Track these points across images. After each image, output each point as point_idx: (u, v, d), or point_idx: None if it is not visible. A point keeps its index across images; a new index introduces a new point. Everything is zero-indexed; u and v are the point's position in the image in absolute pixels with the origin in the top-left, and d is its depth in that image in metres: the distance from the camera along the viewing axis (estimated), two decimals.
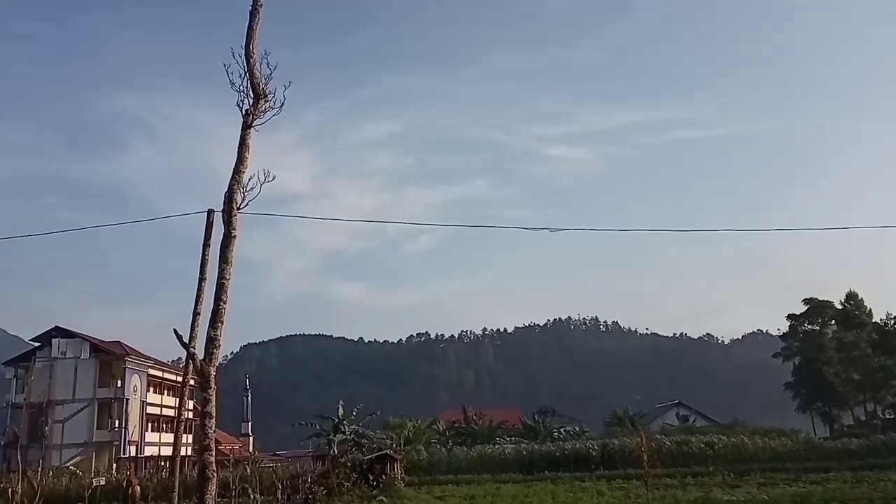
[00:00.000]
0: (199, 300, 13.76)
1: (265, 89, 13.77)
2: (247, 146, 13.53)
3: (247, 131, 13.58)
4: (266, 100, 13.81)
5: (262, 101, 13.78)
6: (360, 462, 30.76)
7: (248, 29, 13.69)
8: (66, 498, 31.97)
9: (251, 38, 13.65)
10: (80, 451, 62.64)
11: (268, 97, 13.81)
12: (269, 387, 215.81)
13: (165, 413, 75.58)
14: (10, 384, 68.31)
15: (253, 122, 13.63)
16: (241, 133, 13.54)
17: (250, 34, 13.67)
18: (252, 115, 13.62)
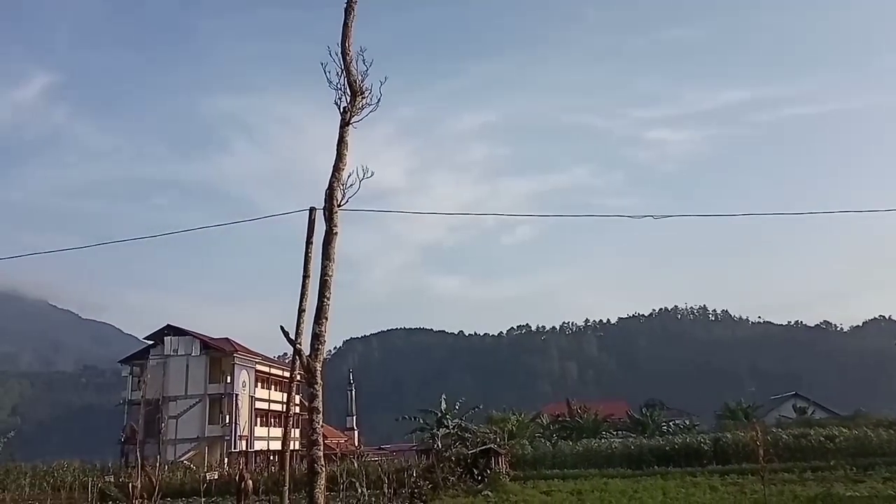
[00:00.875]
0: (303, 297, 13.94)
1: (362, 86, 13.80)
2: (345, 143, 13.60)
3: (345, 129, 13.65)
4: (363, 96, 13.84)
5: (359, 98, 13.81)
6: (465, 456, 30.76)
7: (344, 27, 13.75)
8: (181, 491, 33.44)
9: (347, 35, 13.70)
10: (192, 445, 65.30)
11: (364, 94, 13.84)
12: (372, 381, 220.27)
13: (273, 408, 77.98)
14: (126, 382, 71.89)
15: (351, 120, 13.68)
16: (340, 131, 13.63)
17: (346, 32, 13.72)
18: (350, 112, 13.68)
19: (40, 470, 49.35)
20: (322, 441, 12.03)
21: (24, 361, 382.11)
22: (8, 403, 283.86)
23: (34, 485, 44.09)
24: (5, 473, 46.63)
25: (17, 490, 41.76)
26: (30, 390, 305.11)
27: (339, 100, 13.68)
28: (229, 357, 70.23)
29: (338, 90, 13.62)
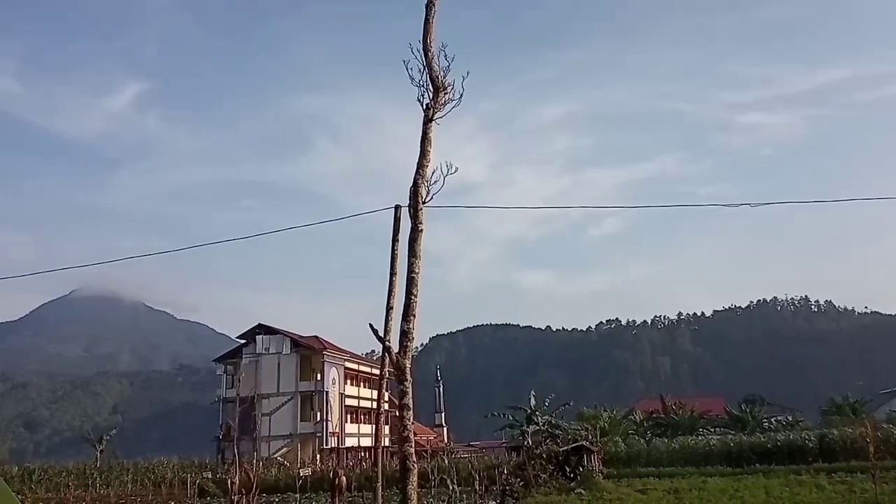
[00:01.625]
0: (390, 294, 13.90)
1: (444, 82, 13.60)
2: (429, 140, 13.46)
3: (428, 125, 13.50)
4: (445, 92, 13.65)
5: (441, 94, 13.63)
6: (556, 453, 30.30)
7: (425, 23, 13.58)
8: (276, 487, 34.17)
9: (428, 31, 13.53)
10: (285, 442, 66.81)
11: (447, 89, 13.65)
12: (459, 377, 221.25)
13: (362, 405, 79.07)
14: (220, 380, 74.29)
15: (434, 116, 13.53)
16: (423, 127, 13.49)
17: (427, 28, 13.55)
18: (432, 108, 13.53)
19: (141, 466, 51.46)
20: (413, 438, 11.95)
21: (124, 361, 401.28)
22: (109, 402, 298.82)
23: (136, 481, 45.99)
24: (109, 470, 48.83)
25: (120, 486, 43.66)
26: (129, 389, 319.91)
27: (422, 96, 13.56)
28: (319, 355, 71.54)
29: (420, 87, 13.49)
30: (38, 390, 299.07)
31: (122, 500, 33.45)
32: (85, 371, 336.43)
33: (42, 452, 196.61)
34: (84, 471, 47.54)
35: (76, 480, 43.44)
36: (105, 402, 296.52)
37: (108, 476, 46.06)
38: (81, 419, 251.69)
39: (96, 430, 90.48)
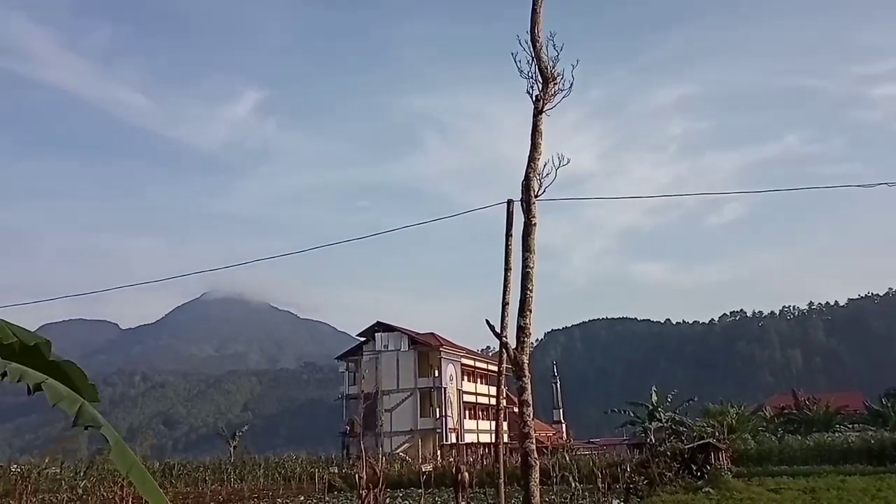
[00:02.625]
0: (506, 290, 13.82)
1: (553, 72, 13.43)
2: (539, 132, 13.32)
3: (538, 117, 13.36)
4: (555, 83, 13.47)
5: (551, 85, 13.47)
6: (682, 451, 29.33)
7: (532, 13, 13.44)
8: (399, 483, 34.77)
9: (536, 22, 13.39)
10: (407, 438, 67.95)
11: (556, 79, 13.46)
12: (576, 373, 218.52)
13: (480, 401, 79.35)
14: (343, 377, 76.59)
15: (544, 108, 13.38)
16: (533, 119, 13.36)
17: (534, 19, 13.41)
18: (542, 100, 13.38)
19: (272, 461, 53.64)
20: (534, 434, 11.84)
21: (253, 360, 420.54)
22: (240, 400, 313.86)
23: (267, 475, 47.98)
24: (242, 465, 51.19)
25: (252, 481, 45.68)
26: (258, 387, 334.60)
27: (531, 88, 13.44)
28: (436, 351, 72.37)
29: (529, 79, 13.39)
30: (175, 389, 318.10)
31: (255, 494, 34.98)
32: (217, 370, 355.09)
33: (180, 448, 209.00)
34: (219, 466, 50.07)
35: (212, 475, 45.81)
36: (236, 400, 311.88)
37: (242, 471, 48.25)
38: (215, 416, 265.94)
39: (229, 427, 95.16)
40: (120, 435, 3.65)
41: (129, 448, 3.70)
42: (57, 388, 3.58)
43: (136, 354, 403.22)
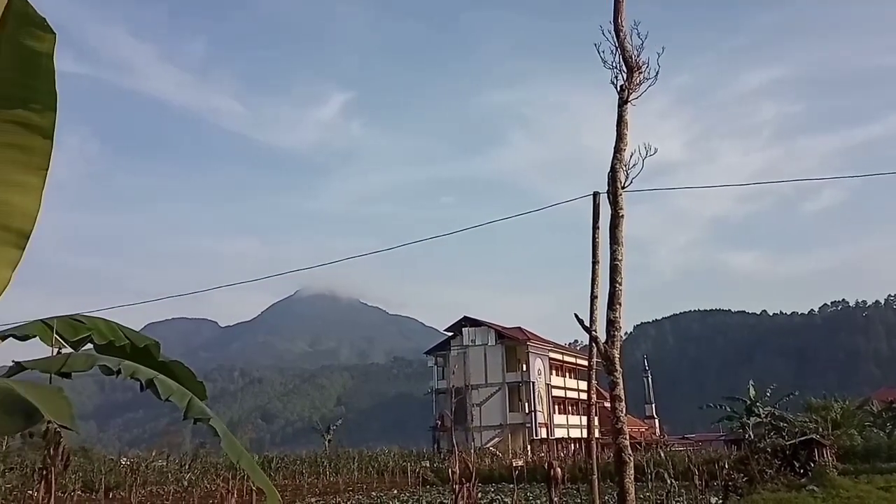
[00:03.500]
0: (594, 283, 13.69)
1: (638, 61, 13.17)
2: (625, 122, 13.10)
3: (623, 107, 13.13)
4: (640, 71, 13.20)
5: (636, 74, 13.20)
6: (783, 447, 28.29)
7: (615, 2, 13.22)
8: (490, 477, 34.84)
9: (619, 11, 13.15)
10: (496, 432, 68.05)
11: (641, 68, 13.20)
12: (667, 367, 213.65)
13: (569, 396, 78.69)
14: (431, 372, 77.39)
15: (629, 98, 13.15)
16: (618, 110, 13.14)
17: (617, 7, 13.17)
18: (627, 90, 13.14)
19: (365, 455, 54.68)
20: (627, 430, 11.68)
21: (344, 355, 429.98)
22: (333, 394, 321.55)
23: (361, 469, 48.97)
24: (337, 458, 52.41)
25: (347, 474, 46.72)
26: (350, 382, 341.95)
27: (615, 78, 13.21)
28: (523, 346, 72.21)
29: (613, 69, 13.16)
30: (272, 384, 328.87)
31: (349, 488, 35.79)
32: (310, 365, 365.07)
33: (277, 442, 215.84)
34: (315, 459, 51.41)
35: (309, 468, 47.10)
36: (329, 395, 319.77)
37: (337, 464, 49.37)
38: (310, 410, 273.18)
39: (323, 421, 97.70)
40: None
41: (236, 440, 3.88)
42: (168, 384, 3.77)
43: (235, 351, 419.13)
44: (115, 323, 4.54)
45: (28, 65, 3.88)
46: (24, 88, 3.91)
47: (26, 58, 3.86)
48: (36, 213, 4.01)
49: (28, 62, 3.88)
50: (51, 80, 3.93)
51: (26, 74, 3.90)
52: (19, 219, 3.98)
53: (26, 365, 3.57)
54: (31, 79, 3.90)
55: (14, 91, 3.90)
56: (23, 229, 3.99)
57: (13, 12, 3.80)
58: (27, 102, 3.92)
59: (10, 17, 3.80)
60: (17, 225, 3.97)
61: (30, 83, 3.91)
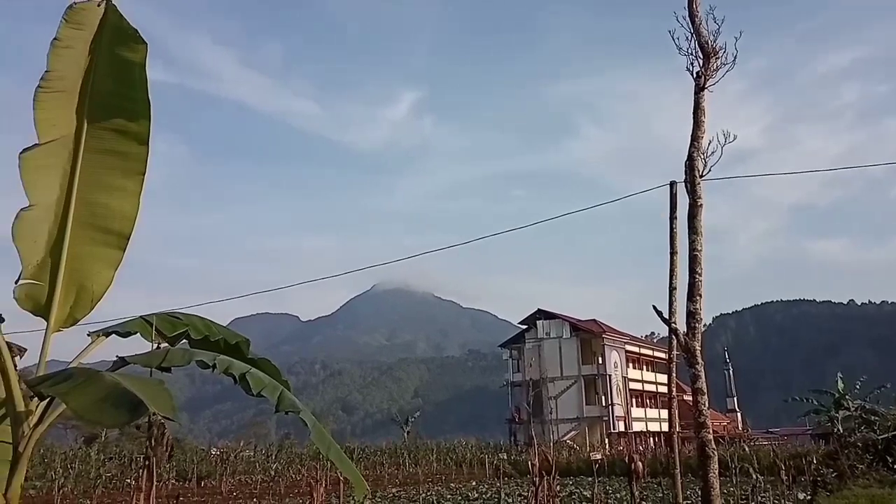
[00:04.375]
0: (672, 274, 13.44)
1: (714, 46, 12.86)
2: (702, 110, 12.82)
3: (700, 94, 12.85)
4: (717, 57, 12.89)
5: (712, 60, 12.90)
6: (875, 442, 27.12)
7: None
8: (568, 470, 34.60)
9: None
10: (573, 425, 67.56)
11: (718, 53, 12.88)
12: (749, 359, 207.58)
13: (647, 389, 77.38)
14: (507, 364, 77.35)
15: (706, 84, 12.85)
16: (695, 97, 12.86)
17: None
18: (703, 76, 12.86)
19: (443, 447, 55.16)
20: (710, 423, 11.46)
21: (420, 348, 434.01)
22: (410, 386, 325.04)
23: (440, 460, 49.42)
24: (416, 449, 53.04)
25: (426, 465, 47.23)
26: (427, 374, 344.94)
27: (691, 65, 12.94)
28: (598, 338, 71.42)
29: (688, 55, 12.89)
30: (352, 377, 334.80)
31: (429, 479, 36.18)
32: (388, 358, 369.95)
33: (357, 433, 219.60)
34: (395, 450, 52.24)
35: (389, 459, 47.89)
36: (407, 387, 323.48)
37: (416, 455, 50.02)
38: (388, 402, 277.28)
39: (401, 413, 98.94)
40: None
41: (326, 431, 4.01)
42: (259, 378, 3.91)
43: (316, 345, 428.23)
44: (209, 319, 4.75)
45: (123, 75, 4.10)
46: (120, 98, 4.14)
47: (121, 68, 4.09)
48: (135, 215, 4.24)
49: (123, 72, 4.10)
50: (144, 88, 4.14)
51: (122, 84, 4.12)
52: (119, 221, 4.22)
53: (129, 360, 3.77)
54: (126, 88, 4.13)
55: (111, 100, 4.14)
56: (123, 231, 4.23)
57: (108, 25, 4.02)
58: (123, 111, 4.15)
59: (106, 29, 4.03)
60: (117, 227, 4.22)
61: (125, 92, 4.13)
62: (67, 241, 4.03)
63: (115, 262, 4.20)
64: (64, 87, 4.04)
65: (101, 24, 4.00)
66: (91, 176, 4.13)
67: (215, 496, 29.17)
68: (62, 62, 4.01)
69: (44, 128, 4.04)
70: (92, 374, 3.28)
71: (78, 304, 4.08)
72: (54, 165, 4.08)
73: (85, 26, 3.98)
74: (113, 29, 4.01)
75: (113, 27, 4.00)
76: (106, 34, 4.02)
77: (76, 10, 3.95)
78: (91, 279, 4.11)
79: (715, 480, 10.59)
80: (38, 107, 4.02)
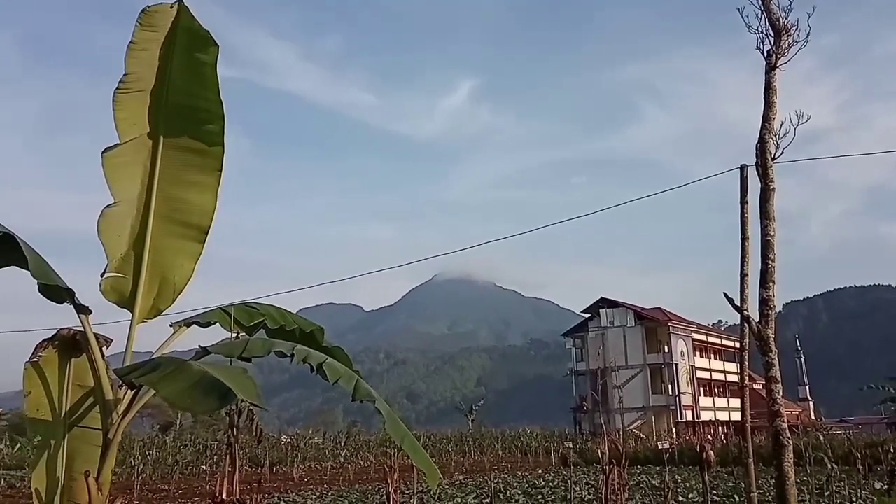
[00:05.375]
0: (744, 260, 13.09)
1: (786, 24, 12.43)
2: (773, 90, 12.39)
3: (771, 74, 12.42)
4: (788, 34, 12.46)
5: (784, 38, 12.47)
6: None
7: None
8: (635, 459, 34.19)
9: None
10: (639, 415, 66.70)
11: (790, 31, 12.45)
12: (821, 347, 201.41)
13: (715, 378, 75.86)
14: (570, 353, 76.76)
15: (777, 63, 12.45)
16: (766, 77, 12.44)
17: None
18: (775, 54, 12.44)
19: (508, 435, 55.22)
20: (784, 412, 11.19)
21: (483, 337, 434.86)
22: (473, 375, 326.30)
23: (505, 448, 49.50)
24: (480, 437, 53.24)
25: (491, 453, 47.38)
26: (489, 363, 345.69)
27: (761, 43, 12.53)
28: (664, 327, 70.32)
29: (758, 33, 12.50)
30: (415, 366, 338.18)
31: (494, 466, 36.29)
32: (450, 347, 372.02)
33: (422, 421, 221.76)
34: (460, 438, 52.56)
35: (454, 447, 48.20)
36: (469, 376, 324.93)
37: (481, 443, 50.25)
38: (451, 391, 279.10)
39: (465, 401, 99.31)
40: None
41: (400, 420, 4.07)
42: (336, 367, 3.98)
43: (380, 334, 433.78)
44: (284, 309, 4.87)
45: (197, 76, 4.22)
46: (194, 97, 4.26)
47: (195, 69, 4.20)
48: (213, 210, 4.37)
49: (196, 73, 4.21)
50: (216, 89, 4.25)
51: (196, 84, 4.23)
52: (198, 215, 4.35)
53: (210, 349, 3.88)
54: (200, 88, 4.24)
55: (186, 100, 4.26)
56: (202, 225, 4.36)
57: (181, 27, 4.13)
58: (198, 110, 4.27)
59: (179, 31, 4.14)
60: (196, 221, 4.35)
61: (200, 93, 4.25)
62: (150, 234, 4.17)
63: (195, 254, 4.33)
64: (141, 88, 4.17)
65: (173, 26, 4.11)
66: (170, 172, 4.26)
67: (287, 482, 29.87)
68: (138, 64, 4.14)
69: (124, 127, 4.18)
70: (179, 363, 3.40)
71: (161, 296, 4.23)
72: (135, 163, 4.22)
73: (158, 28, 4.09)
74: (185, 31, 4.12)
75: (185, 29, 4.11)
76: (179, 36, 4.13)
77: (149, 13, 4.06)
78: (173, 271, 4.25)
79: (789, 470, 10.34)
80: (117, 107, 4.16)
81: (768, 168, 12.07)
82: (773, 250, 11.80)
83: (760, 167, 12.22)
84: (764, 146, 12.19)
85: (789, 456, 10.41)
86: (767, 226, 11.87)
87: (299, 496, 21.91)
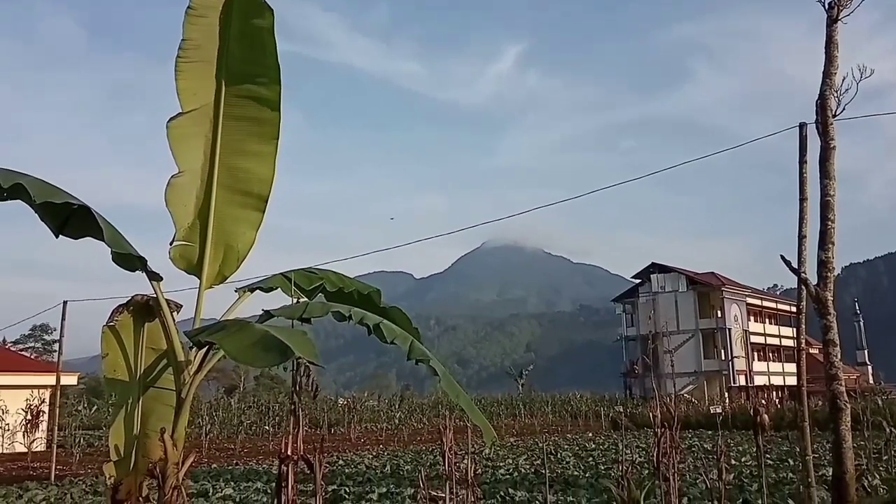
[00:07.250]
0: (802, 222, 12.78)
1: None
2: (835, 44, 11.94)
3: (833, 27, 11.98)
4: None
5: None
6: None
7: None
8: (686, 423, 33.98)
9: None
10: (690, 379, 66.06)
11: None
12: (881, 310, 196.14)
13: (770, 342, 74.62)
14: (620, 319, 76.25)
15: (839, 15, 12.00)
16: (827, 30, 12.00)
17: None
18: (837, 6, 12.00)
19: (557, 399, 55.43)
20: (842, 375, 11.02)
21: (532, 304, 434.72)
22: (522, 341, 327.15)
23: (555, 412, 49.74)
24: (531, 401, 53.56)
25: (541, 416, 47.66)
26: (538, 329, 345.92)
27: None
28: (717, 291, 69.27)
29: None
30: (465, 332, 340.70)
31: (545, 430, 36.54)
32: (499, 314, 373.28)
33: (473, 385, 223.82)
34: (511, 402, 52.99)
35: (505, 410, 48.64)
36: (519, 342, 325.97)
37: (532, 407, 50.57)
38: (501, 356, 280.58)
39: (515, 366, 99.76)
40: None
41: (454, 379, 4.16)
42: (391, 328, 4.09)
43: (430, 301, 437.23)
44: (342, 273, 4.99)
45: (254, 42, 4.27)
46: (252, 64, 4.32)
47: (252, 35, 4.26)
48: (272, 178, 4.47)
49: (253, 39, 4.27)
50: (274, 54, 4.30)
51: (253, 51, 4.29)
52: (258, 184, 4.46)
53: (273, 312, 4.02)
54: (257, 54, 4.30)
55: (244, 67, 4.33)
56: (261, 194, 4.47)
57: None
58: (256, 77, 4.34)
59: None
60: (256, 190, 4.46)
61: (257, 59, 4.31)
62: (213, 204, 4.30)
63: (256, 222, 4.45)
64: (200, 57, 4.24)
65: None
66: (231, 142, 4.37)
67: (345, 442, 30.66)
68: (197, 30, 4.20)
69: (186, 97, 4.28)
70: (243, 324, 3.58)
71: (226, 263, 4.38)
72: (198, 133, 4.33)
73: None
74: None
75: None
76: (235, 2, 4.18)
77: None
78: (236, 239, 4.39)
79: (847, 433, 10.21)
80: (179, 76, 4.24)
81: (829, 126, 11.72)
82: (833, 211, 11.51)
83: (821, 125, 11.86)
84: (825, 103, 11.82)
85: (846, 419, 10.28)
86: (827, 185, 11.58)
87: (357, 455, 22.46)
